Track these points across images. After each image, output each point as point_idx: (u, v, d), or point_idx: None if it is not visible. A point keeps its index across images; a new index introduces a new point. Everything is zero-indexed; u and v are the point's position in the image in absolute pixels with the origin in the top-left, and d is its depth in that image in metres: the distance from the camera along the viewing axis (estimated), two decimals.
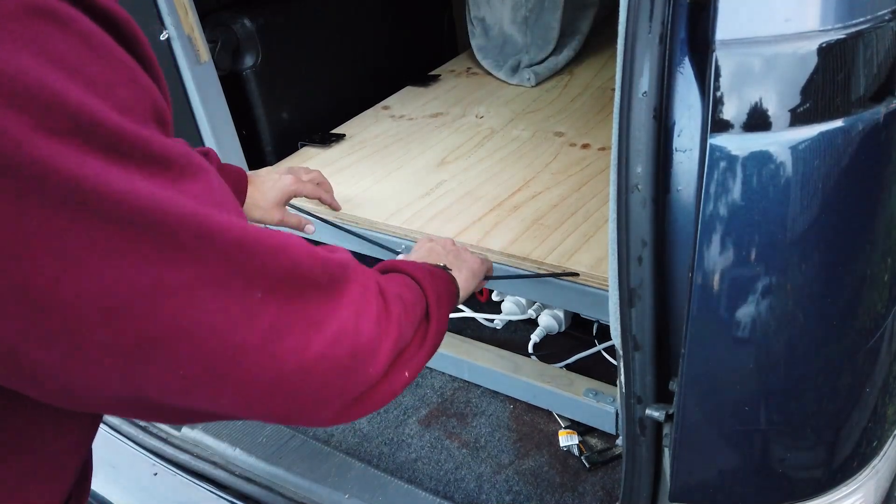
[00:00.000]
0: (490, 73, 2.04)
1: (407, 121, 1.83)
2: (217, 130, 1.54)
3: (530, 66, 1.97)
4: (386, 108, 1.92)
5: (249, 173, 1.19)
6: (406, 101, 1.94)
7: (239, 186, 1.14)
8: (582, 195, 1.41)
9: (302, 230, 1.28)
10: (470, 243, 1.29)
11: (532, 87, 1.95)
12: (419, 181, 1.53)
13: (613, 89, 1.83)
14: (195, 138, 1.54)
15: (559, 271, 1.19)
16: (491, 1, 1.98)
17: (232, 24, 1.62)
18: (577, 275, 1.17)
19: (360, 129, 1.80)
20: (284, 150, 1.73)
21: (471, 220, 1.37)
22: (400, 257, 1.09)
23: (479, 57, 2.06)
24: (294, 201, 1.32)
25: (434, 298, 0.81)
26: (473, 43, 2.07)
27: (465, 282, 0.99)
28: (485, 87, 1.98)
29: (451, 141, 1.70)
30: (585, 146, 1.59)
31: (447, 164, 1.59)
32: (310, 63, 1.80)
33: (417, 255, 1.03)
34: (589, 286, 1.19)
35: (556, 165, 1.53)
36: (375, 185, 1.54)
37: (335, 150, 1.70)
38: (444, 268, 0.95)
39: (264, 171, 1.26)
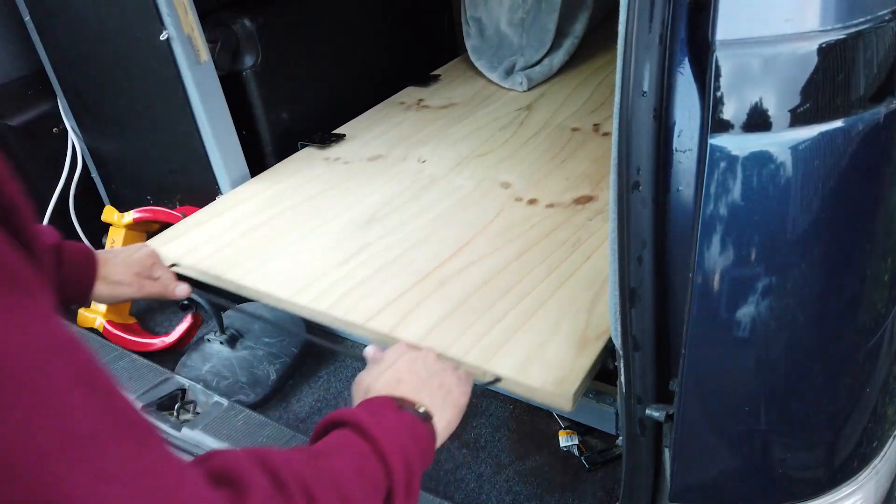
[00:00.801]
0: (484, 76, 2.02)
1: (342, 165, 1.65)
2: (217, 130, 1.54)
3: (524, 68, 1.96)
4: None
5: (101, 252, 1.15)
6: (345, 141, 1.77)
7: (85, 266, 1.08)
8: (520, 268, 1.22)
9: (171, 296, 1.21)
10: (380, 332, 1.11)
11: (524, 91, 1.92)
12: (340, 244, 1.35)
13: (574, 129, 1.64)
14: (195, 138, 1.54)
15: (480, 377, 1.00)
16: (488, 1, 1.97)
17: (232, 24, 1.63)
18: (499, 380, 0.99)
19: (287, 175, 1.63)
20: (284, 150, 1.73)
21: (387, 300, 1.18)
22: (363, 375, 0.84)
23: (473, 58, 2.05)
24: (189, 266, 1.30)
25: (403, 477, 0.65)
26: (468, 44, 2.06)
27: (446, 428, 0.80)
28: (434, 124, 1.81)
29: (385, 191, 1.51)
30: (532, 202, 1.41)
31: (375, 222, 1.41)
32: (310, 63, 1.80)
33: (388, 381, 0.80)
34: (512, 393, 1.05)
35: (496, 226, 1.35)
36: (290, 248, 1.36)
37: (253, 204, 1.52)
38: (425, 414, 0.76)
39: (119, 248, 1.23)
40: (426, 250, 1.30)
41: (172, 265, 1.33)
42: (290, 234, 1.40)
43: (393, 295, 1.18)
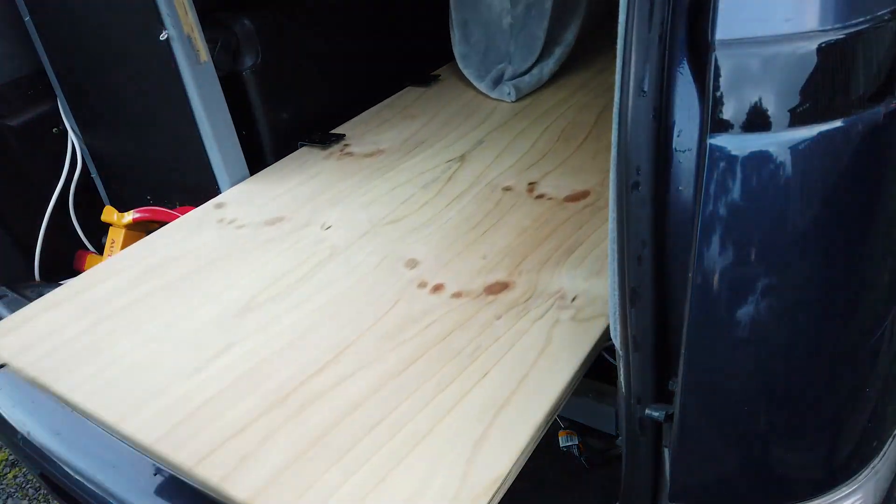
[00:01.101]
0: (472, 85, 1.95)
1: (235, 229, 1.44)
2: (217, 130, 1.54)
3: (513, 77, 1.90)
4: (219, 205, 1.53)
5: None
6: (249, 198, 1.55)
7: None
8: (400, 387, 1.00)
9: None
10: (208, 484, 0.90)
11: (513, 101, 1.86)
12: (202, 342, 1.13)
13: (506, 188, 1.50)
14: (195, 138, 1.54)
15: None
16: (477, 4, 1.91)
17: (232, 24, 1.63)
18: None
19: (172, 242, 1.42)
20: (284, 150, 1.73)
21: (230, 431, 0.95)
22: None
23: (461, 65, 1.99)
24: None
25: None
26: (455, 50, 1.99)
27: None
28: (353, 178, 1.58)
29: (274, 267, 1.30)
30: (437, 289, 1.20)
31: (252, 310, 1.19)
32: (310, 63, 1.80)
33: None
34: None
35: (387, 323, 1.13)
36: (140, 349, 1.13)
37: (118, 281, 1.31)
38: None
39: None
40: (296, 356, 1.08)
41: (1, 366, 1.15)
42: (145, 327, 1.18)
43: (239, 424, 0.96)
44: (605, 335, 1.06)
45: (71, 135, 1.76)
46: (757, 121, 0.59)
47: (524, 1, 1.84)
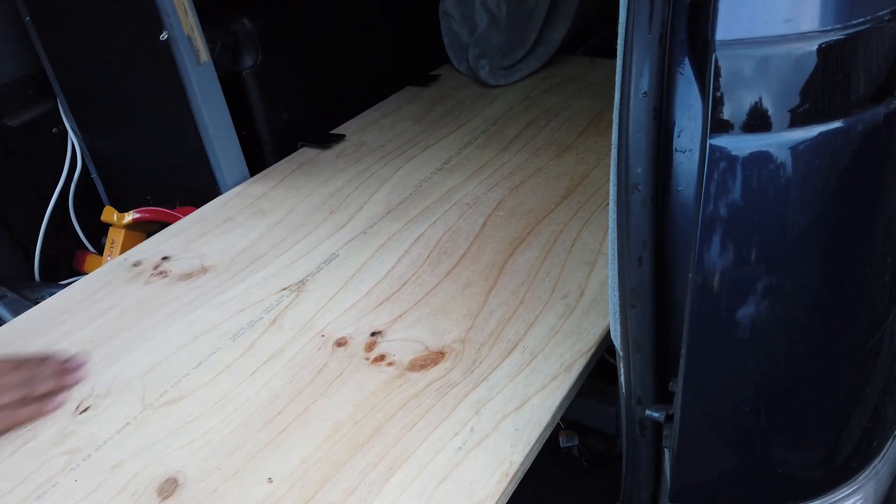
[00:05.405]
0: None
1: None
2: (217, 131, 1.54)
3: (495, 67, 1.94)
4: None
5: None
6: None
7: None
8: None
9: None
10: None
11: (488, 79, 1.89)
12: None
13: (338, 342, 1.10)
14: (195, 138, 1.54)
15: None
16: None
17: (232, 24, 1.62)
18: None
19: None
20: (284, 150, 1.73)
21: None
22: None
23: (450, 55, 2.03)
24: None
25: None
26: (445, 41, 2.04)
27: None
28: (146, 320, 1.14)
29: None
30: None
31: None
32: (310, 63, 1.80)
33: None
34: None
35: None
36: None
37: None
38: None
39: None
40: None
41: None
42: None
43: None
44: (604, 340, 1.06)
45: (71, 135, 1.76)
46: (757, 121, 0.59)
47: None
